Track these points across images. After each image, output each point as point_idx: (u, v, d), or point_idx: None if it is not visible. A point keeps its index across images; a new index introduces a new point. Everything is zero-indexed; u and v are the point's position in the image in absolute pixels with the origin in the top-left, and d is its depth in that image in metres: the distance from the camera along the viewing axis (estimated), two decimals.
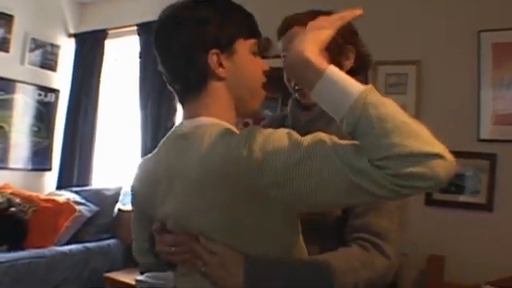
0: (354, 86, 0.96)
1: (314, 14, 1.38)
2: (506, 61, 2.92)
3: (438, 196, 3.04)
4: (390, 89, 3.24)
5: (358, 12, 1.09)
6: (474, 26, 3.00)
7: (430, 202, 3.06)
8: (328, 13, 1.38)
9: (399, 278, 2.90)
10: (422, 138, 0.89)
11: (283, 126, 1.48)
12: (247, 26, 1.24)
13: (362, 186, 0.92)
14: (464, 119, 3.01)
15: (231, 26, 1.20)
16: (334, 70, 0.99)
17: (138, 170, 1.35)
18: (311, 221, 1.16)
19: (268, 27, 1.66)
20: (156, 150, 1.28)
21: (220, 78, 1.18)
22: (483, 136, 2.95)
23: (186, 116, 1.22)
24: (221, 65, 1.17)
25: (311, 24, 1.09)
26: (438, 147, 0.89)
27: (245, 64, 1.22)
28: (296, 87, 1.45)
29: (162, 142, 1.26)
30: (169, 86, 1.27)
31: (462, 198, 2.98)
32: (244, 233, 1.10)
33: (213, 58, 1.16)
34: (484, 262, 2.82)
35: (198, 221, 1.13)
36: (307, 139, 1.00)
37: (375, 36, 3.35)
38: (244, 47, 1.21)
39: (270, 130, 1.06)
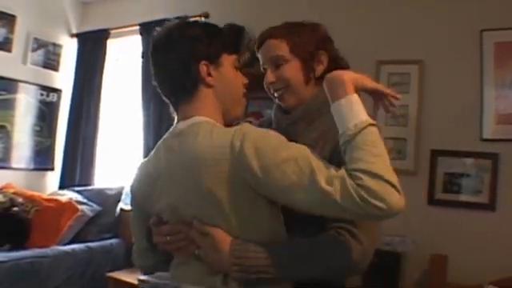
0: (364, 113, 1.21)
1: (287, 28, 1.57)
2: (509, 60, 2.92)
3: (440, 195, 3.04)
4: (393, 88, 3.20)
5: (397, 97, 1.36)
6: (476, 26, 3.01)
7: (432, 201, 3.06)
8: (301, 24, 1.59)
9: (401, 278, 2.90)
10: (393, 173, 1.12)
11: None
12: (230, 43, 1.43)
13: (331, 194, 1.10)
14: (466, 119, 3.01)
15: (217, 43, 1.39)
16: (356, 98, 1.23)
17: (137, 171, 1.48)
18: (296, 214, 1.24)
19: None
20: (154, 151, 1.42)
21: (209, 85, 1.37)
22: (486, 135, 2.95)
23: (181, 118, 1.39)
24: (209, 74, 1.37)
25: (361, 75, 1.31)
26: (397, 184, 1.11)
27: (229, 75, 1.41)
28: (275, 93, 1.57)
29: (159, 143, 1.42)
30: (164, 98, 1.44)
31: (465, 198, 2.98)
32: (233, 219, 1.23)
33: (203, 68, 1.36)
34: (486, 261, 2.82)
35: (192, 208, 1.27)
36: (295, 146, 1.22)
37: (378, 36, 3.38)
38: (228, 61, 1.41)
39: (264, 129, 1.28)
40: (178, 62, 1.36)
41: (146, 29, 4.38)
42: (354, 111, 1.21)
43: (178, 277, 1.37)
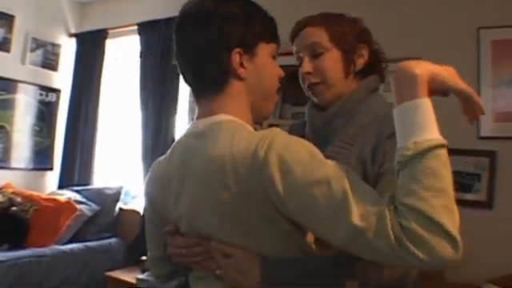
0: (433, 127, 0.95)
1: (325, 17, 1.43)
2: (506, 58, 2.92)
3: None
4: (390, 86, 3.23)
5: (483, 111, 1.08)
6: (474, 23, 3.00)
7: None
8: (340, 15, 1.45)
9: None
10: (453, 217, 0.89)
11: (303, 133, 1.50)
12: (269, 30, 1.22)
13: (363, 232, 0.90)
14: (464, 117, 2.99)
15: (256, 28, 1.18)
16: (425, 104, 0.96)
17: (151, 172, 1.30)
18: None
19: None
20: (169, 150, 1.25)
21: (240, 78, 1.16)
22: (483, 133, 2.94)
23: (202, 114, 1.19)
24: (242, 65, 1.16)
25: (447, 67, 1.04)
26: (458, 235, 0.88)
27: (265, 68, 1.21)
28: (310, 86, 1.42)
29: (176, 142, 1.24)
30: (184, 82, 1.25)
31: (462, 196, 2.97)
32: (257, 233, 1.07)
33: (236, 57, 1.15)
34: (484, 259, 2.81)
35: (211, 221, 1.11)
36: (331, 164, 1.00)
37: (375, 34, 3.36)
38: (264, 51, 1.20)
39: (291, 138, 1.05)
40: (206, 45, 1.15)
41: (144, 28, 4.40)
42: (418, 123, 0.94)
43: None
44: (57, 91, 4.89)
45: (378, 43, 1.51)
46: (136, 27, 4.46)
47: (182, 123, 4.12)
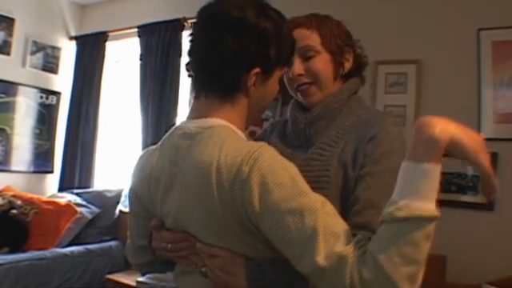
0: (432, 197, 0.92)
1: (316, 18, 1.43)
2: (506, 59, 2.91)
3: (438, 195, 3.02)
4: (390, 88, 3.23)
5: (495, 193, 1.04)
6: (474, 25, 2.99)
7: None
8: (328, 16, 1.45)
9: None
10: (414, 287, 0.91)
11: (284, 131, 1.53)
12: (290, 55, 1.24)
13: (322, 272, 0.93)
14: (464, 118, 2.93)
15: (282, 52, 1.18)
16: (436, 172, 0.92)
17: (138, 162, 1.32)
18: None
19: None
20: (159, 144, 1.26)
21: (248, 96, 1.17)
22: (484, 135, 2.93)
23: (195, 114, 1.19)
24: (255, 84, 1.16)
25: (472, 133, 0.98)
26: None
27: (272, 89, 1.23)
28: (300, 87, 1.43)
29: (165, 137, 1.24)
30: (188, 75, 1.25)
31: (463, 198, 2.96)
32: (240, 238, 1.09)
33: (252, 78, 1.14)
34: (485, 261, 2.81)
35: (196, 222, 1.12)
36: (311, 195, 1.01)
37: (375, 35, 3.37)
38: (277, 74, 1.22)
39: (277, 159, 1.05)
40: (230, 54, 1.12)
41: (144, 31, 4.40)
42: (420, 188, 0.91)
43: (182, 286, 1.27)
44: (57, 94, 4.89)
45: (361, 46, 1.52)
46: (136, 30, 4.46)
47: None
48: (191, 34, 1.21)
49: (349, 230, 0.99)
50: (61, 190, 4.69)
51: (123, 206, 4.28)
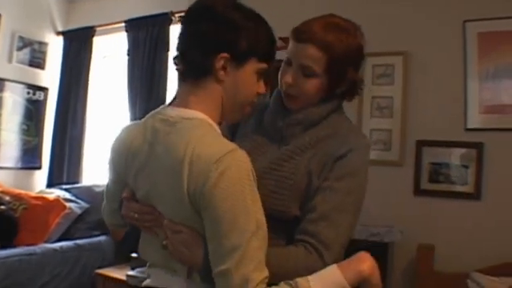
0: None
1: (333, 36, 1.38)
2: (492, 50, 2.95)
3: (426, 185, 3.07)
4: (378, 80, 3.26)
5: None
6: (459, 16, 3.03)
7: (418, 191, 3.08)
8: (345, 30, 1.42)
9: (389, 268, 2.92)
10: None
11: (262, 117, 1.57)
12: (266, 50, 1.27)
13: (227, 279, 1.08)
14: (451, 109, 3.03)
15: (256, 43, 1.24)
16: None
17: (120, 136, 1.39)
18: (274, 216, 1.26)
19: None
20: (143, 121, 1.32)
21: (218, 80, 1.23)
22: (470, 125, 2.98)
23: (178, 103, 1.27)
24: (224, 68, 1.22)
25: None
26: None
27: (246, 81, 1.26)
28: (288, 91, 1.45)
29: (148, 116, 1.31)
30: (174, 65, 1.30)
31: (450, 188, 3.01)
32: (201, 224, 1.16)
33: (220, 61, 1.21)
34: (472, 250, 2.85)
35: (164, 204, 1.23)
36: (256, 215, 1.12)
37: (362, 27, 3.37)
38: (252, 67, 1.25)
39: (242, 176, 1.12)
40: (197, 38, 1.22)
41: (131, 26, 4.38)
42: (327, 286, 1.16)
43: (144, 252, 1.38)
44: (44, 90, 4.86)
45: (362, 76, 1.53)
46: (123, 24, 4.44)
47: None
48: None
49: (263, 261, 1.12)
50: (49, 185, 4.68)
51: None
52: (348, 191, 1.34)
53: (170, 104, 1.30)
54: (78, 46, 4.81)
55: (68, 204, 4.03)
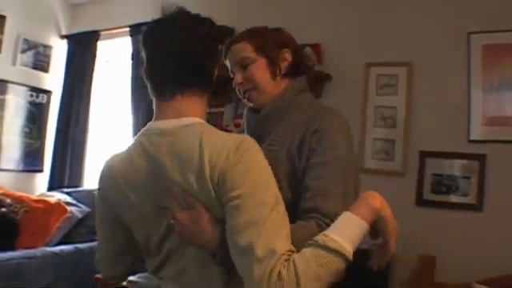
0: (355, 245, 1.12)
1: (248, 32, 1.61)
2: (496, 62, 2.95)
3: (428, 196, 3.06)
4: (381, 90, 3.26)
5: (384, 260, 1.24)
6: (464, 28, 3.03)
7: (420, 202, 3.08)
8: (263, 28, 1.64)
9: (390, 278, 2.91)
10: None
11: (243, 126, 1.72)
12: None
13: (251, 255, 1.06)
14: (454, 120, 3.03)
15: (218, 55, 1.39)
16: (364, 228, 1.15)
17: (105, 170, 1.34)
18: None
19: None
20: (132, 144, 1.30)
21: (211, 91, 1.34)
22: (473, 137, 2.98)
23: (169, 114, 1.26)
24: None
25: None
26: None
27: None
28: (245, 94, 1.60)
29: (137, 137, 1.29)
30: (146, 81, 1.34)
31: (452, 199, 3.00)
32: (219, 210, 1.16)
33: (215, 73, 1.33)
34: (474, 261, 2.84)
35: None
36: (269, 193, 1.13)
37: (367, 38, 3.40)
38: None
39: (261, 153, 1.18)
40: (202, 48, 1.28)
41: (135, 30, 4.38)
42: (353, 235, 1.12)
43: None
44: (48, 93, 4.87)
45: (301, 46, 1.69)
46: (128, 29, 4.46)
47: None
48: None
49: (289, 234, 1.11)
50: (51, 188, 4.67)
51: None
52: (335, 161, 1.39)
53: (156, 120, 1.29)
54: (82, 49, 4.82)
55: (69, 208, 4.03)
